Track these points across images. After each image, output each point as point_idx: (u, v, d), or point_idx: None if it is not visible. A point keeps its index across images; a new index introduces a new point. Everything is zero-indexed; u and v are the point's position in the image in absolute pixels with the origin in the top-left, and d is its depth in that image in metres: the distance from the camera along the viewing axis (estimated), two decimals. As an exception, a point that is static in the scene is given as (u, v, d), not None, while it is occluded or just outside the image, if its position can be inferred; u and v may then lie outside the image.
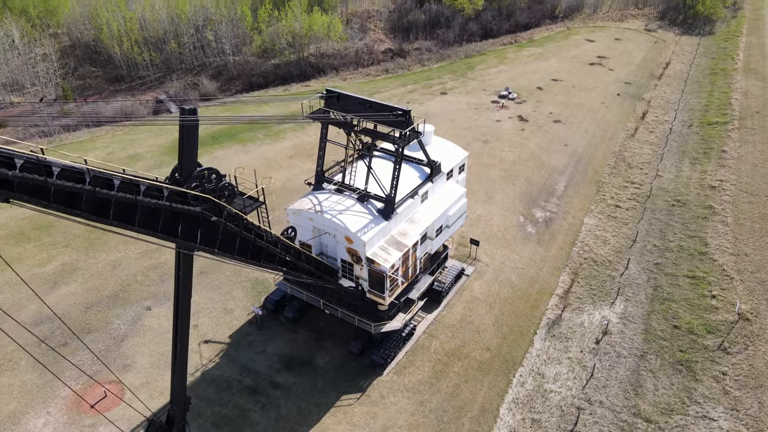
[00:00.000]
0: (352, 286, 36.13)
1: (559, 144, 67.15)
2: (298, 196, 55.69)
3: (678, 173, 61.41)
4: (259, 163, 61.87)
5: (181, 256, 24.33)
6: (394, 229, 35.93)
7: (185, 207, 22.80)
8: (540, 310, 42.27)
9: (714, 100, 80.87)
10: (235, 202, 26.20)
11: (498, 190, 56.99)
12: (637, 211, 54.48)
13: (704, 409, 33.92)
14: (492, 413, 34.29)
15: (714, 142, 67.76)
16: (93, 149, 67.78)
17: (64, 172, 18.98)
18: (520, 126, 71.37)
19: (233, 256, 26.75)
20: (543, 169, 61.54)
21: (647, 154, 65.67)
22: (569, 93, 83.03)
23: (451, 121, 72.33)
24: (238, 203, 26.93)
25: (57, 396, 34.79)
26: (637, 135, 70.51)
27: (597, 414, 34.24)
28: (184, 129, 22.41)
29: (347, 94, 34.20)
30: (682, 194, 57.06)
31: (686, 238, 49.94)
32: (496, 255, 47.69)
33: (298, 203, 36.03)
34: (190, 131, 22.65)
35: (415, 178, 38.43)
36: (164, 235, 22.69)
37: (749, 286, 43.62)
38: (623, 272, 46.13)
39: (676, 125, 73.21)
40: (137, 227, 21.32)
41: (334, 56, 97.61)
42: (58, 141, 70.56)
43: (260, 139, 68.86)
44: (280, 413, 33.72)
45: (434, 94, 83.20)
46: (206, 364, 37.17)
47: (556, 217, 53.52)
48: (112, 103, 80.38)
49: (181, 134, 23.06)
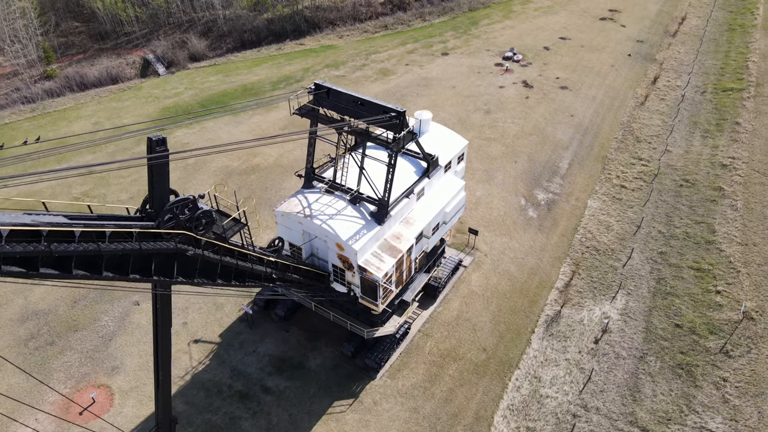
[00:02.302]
0: (344, 291, 34.80)
1: (564, 114, 64.10)
2: (290, 174, 53.72)
3: (688, 148, 58.80)
4: (250, 138, 59.26)
5: (158, 295, 22.82)
6: (388, 232, 34.19)
7: (158, 246, 21.06)
8: (539, 306, 41.15)
9: (730, 62, 76.72)
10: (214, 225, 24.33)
11: (499, 168, 54.69)
12: (644, 192, 52.41)
13: (702, 419, 33.33)
14: (486, 421, 33.78)
15: (728, 112, 64.60)
16: (78, 119, 64.99)
17: (15, 233, 17.05)
18: (524, 93, 67.97)
19: (214, 284, 25.25)
20: (547, 143, 58.91)
21: (657, 126, 62.76)
22: (577, 54, 78.78)
23: (452, 88, 68.88)
24: (217, 227, 25.09)
25: (45, 401, 34.24)
26: (648, 103, 67.25)
27: (593, 422, 33.72)
28: (153, 166, 20.24)
29: (338, 90, 31.49)
30: (691, 173, 54.76)
31: (693, 224, 48.15)
32: (496, 243, 46.12)
33: (286, 204, 34.09)
34: (160, 167, 20.49)
35: (410, 173, 36.29)
36: (136, 277, 21.04)
37: (756, 281, 42.26)
38: (626, 262, 44.69)
39: (689, 91, 69.71)
40: (103, 275, 19.65)
41: (330, 9, 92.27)
42: (41, 109, 67.67)
43: (252, 109, 65.81)
44: (271, 422, 33.22)
45: (435, 54, 79.01)
46: (196, 366, 36.45)
47: (559, 200, 51.54)
48: (97, 65, 76.53)
49: (150, 167, 20.88)
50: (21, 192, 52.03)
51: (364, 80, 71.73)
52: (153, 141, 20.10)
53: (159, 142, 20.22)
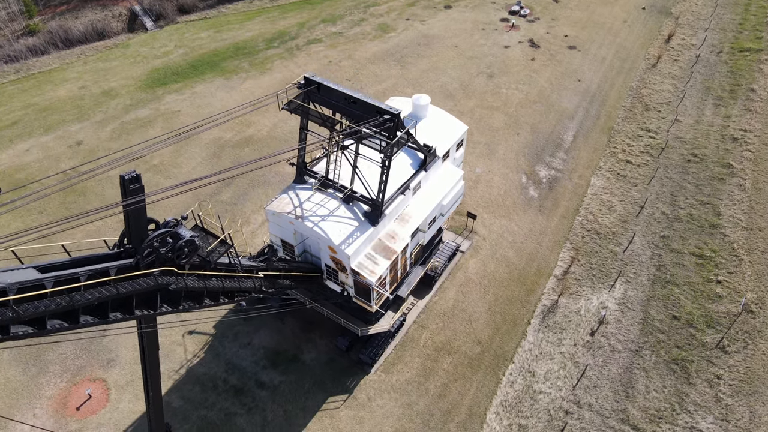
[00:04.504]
0: (337, 290, 34.25)
1: (571, 79, 61.22)
2: (285, 147, 51.95)
3: (699, 117, 56.46)
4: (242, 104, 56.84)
5: (143, 334, 22.20)
6: (382, 232, 33.17)
7: (137, 287, 20.19)
8: (536, 295, 40.71)
9: (750, 17, 72.44)
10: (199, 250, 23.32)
11: (501, 141, 52.78)
12: (650, 168, 50.75)
13: (694, 419, 33.58)
14: (479, 417, 34.12)
15: (743, 76, 61.58)
16: (63, 81, 62.36)
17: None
18: (530, 54, 64.68)
19: (202, 306, 24.55)
20: (552, 112, 56.57)
21: (667, 92, 60.04)
22: (589, 7, 74.40)
23: (455, 48, 65.52)
24: (202, 252, 24.10)
25: (42, 396, 34.56)
26: (660, 65, 64.07)
27: (585, 419, 34.04)
28: (128, 205, 18.91)
29: (329, 86, 29.51)
30: (700, 146, 52.83)
31: (698, 205, 46.88)
32: (495, 226, 45.13)
33: (277, 202, 32.88)
34: (136, 209, 19.20)
35: (406, 166, 34.76)
36: (117, 316, 20.31)
37: (758, 270, 41.54)
38: (627, 247, 43.86)
39: (704, 51, 66.23)
40: (81, 323, 18.90)
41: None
42: (25, 70, 64.85)
43: (245, 70, 62.95)
44: (266, 418, 33.60)
45: (437, 8, 74.66)
46: (191, 359, 36.55)
47: (561, 177, 50.01)
48: (81, 18, 72.61)
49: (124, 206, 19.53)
50: (9, 167, 50.64)
51: (362, 38, 68.18)
52: (126, 180, 18.80)
53: (132, 180, 18.88)
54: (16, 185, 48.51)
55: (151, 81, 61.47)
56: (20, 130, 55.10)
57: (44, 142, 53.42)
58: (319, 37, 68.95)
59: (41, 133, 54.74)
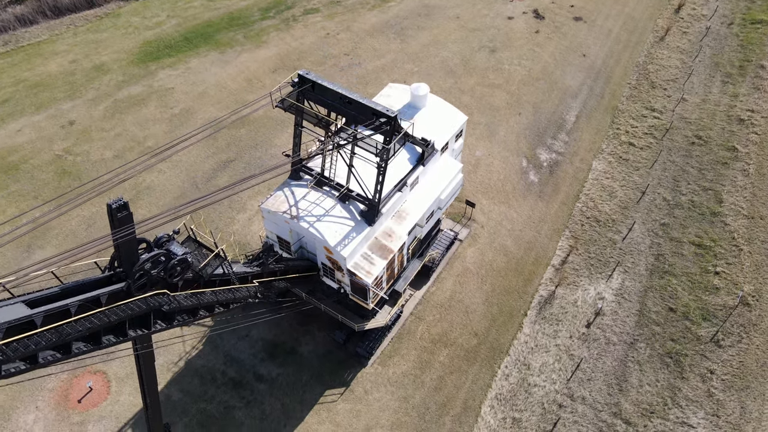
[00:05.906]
0: (334, 287, 34.22)
1: (576, 54, 59.41)
2: (282, 128, 50.92)
3: (706, 96, 55.08)
4: (238, 83, 55.54)
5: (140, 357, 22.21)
6: (379, 230, 32.83)
7: (129, 312, 20.07)
8: (533, 286, 40.74)
9: (764, -16, 69.58)
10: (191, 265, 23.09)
11: (502, 122, 51.68)
12: (653, 151, 49.88)
13: (685, 414, 34.14)
14: (474, 411, 34.71)
15: (753, 51, 59.69)
16: (53, 55, 60.65)
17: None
18: (534, 26, 62.55)
19: (196, 318, 24.54)
20: (554, 90, 55.17)
21: (675, 68, 58.35)
22: (597, -27, 71.34)
23: (456, 19, 63.33)
24: (194, 266, 23.91)
25: (44, 388, 35.10)
26: (668, 38, 62.05)
27: (578, 412, 34.63)
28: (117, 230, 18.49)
29: (324, 85, 28.56)
30: (705, 127, 51.73)
31: (700, 191, 46.30)
32: (493, 213, 44.72)
33: (272, 200, 32.40)
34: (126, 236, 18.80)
35: (403, 161, 34.08)
36: (111, 339, 20.27)
37: (757, 260, 41.38)
38: (626, 235, 43.59)
39: (715, 22, 63.99)
40: (73, 352, 18.86)
41: None
42: (14, 42, 62.99)
43: (240, 43, 61.08)
44: (264, 411, 34.20)
45: (439, -26, 71.64)
46: (189, 352, 36.93)
47: (563, 160, 49.21)
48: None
49: (112, 226, 19.10)
50: (2, 149, 49.83)
51: (361, 7, 65.82)
52: (113, 208, 18.33)
53: (120, 207, 18.42)
54: (8, 168, 47.91)
55: (143, 55, 59.78)
56: (11, 109, 53.97)
57: (36, 121, 52.40)
58: (316, 6, 66.57)
59: (33, 111, 53.63)
